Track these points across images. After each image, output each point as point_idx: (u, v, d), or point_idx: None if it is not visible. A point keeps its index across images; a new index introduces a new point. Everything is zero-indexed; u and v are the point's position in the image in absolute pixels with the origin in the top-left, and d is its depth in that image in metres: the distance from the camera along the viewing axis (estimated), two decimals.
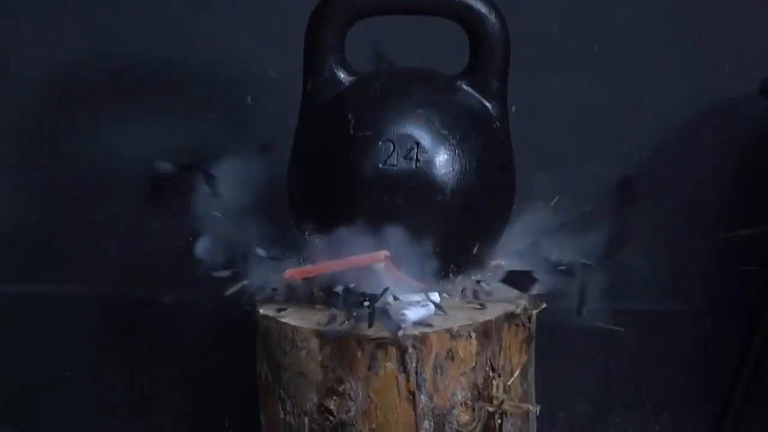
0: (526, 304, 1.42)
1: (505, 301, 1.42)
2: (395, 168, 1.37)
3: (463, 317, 1.37)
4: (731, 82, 1.84)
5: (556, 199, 1.54)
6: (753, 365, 1.88)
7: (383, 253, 1.34)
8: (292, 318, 1.38)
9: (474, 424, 1.37)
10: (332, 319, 1.34)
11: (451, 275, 1.44)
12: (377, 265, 1.34)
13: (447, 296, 1.44)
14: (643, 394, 1.94)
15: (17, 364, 1.93)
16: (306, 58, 1.45)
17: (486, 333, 1.36)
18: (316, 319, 1.37)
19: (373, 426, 1.34)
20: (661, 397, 1.94)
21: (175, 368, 1.91)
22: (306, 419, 1.37)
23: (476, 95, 1.44)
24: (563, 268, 1.48)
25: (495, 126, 1.45)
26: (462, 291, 1.46)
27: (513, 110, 1.49)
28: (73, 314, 1.90)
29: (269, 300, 1.44)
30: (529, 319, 1.43)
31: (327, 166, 1.40)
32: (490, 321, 1.37)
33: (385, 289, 1.34)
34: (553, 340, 1.71)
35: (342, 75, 1.44)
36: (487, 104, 1.45)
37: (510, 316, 1.39)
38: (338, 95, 1.43)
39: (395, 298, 1.36)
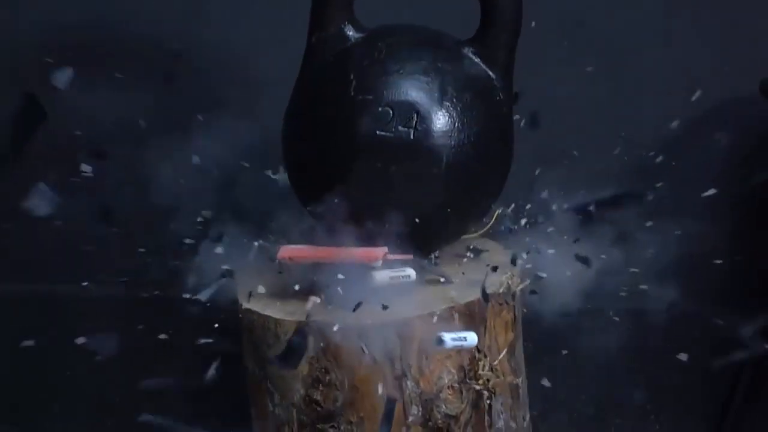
0: (509, 282, 1.41)
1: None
2: (392, 135, 1.34)
3: (446, 299, 1.35)
4: (731, 82, 1.83)
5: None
6: (753, 365, 1.88)
7: (383, 251, 1.33)
8: (275, 310, 1.36)
9: (462, 406, 1.36)
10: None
11: (439, 245, 1.44)
12: (375, 263, 1.33)
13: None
14: (643, 394, 1.94)
15: (17, 364, 1.94)
16: (313, 11, 1.42)
17: (469, 314, 1.35)
18: (297, 309, 1.35)
19: (361, 415, 1.33)
20: (661, 397, 1.94)
21: (175, 368, 1.91)
22: (294, 411, 1.36)
23: (482, 65, 1.41)
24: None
25: (498, 98, 1.42)
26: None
27: (533, 24, 1.48)
28: (74, 314, 1.90)
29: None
30: (513, 296, 1.42)
31: (323, 126, 1.37)
32: (473, 302, 1.35)
33: (358, 305, 1.31)
34: (553, 340, 1.71)
35: (349, 31, 1.41)
36: (492, 75, 1.42)
37: (493, 296, 1.38)
38: (343, 52, 1.40)
39: None
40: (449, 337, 1.29)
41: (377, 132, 1.34)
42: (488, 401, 1.38)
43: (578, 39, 1.83)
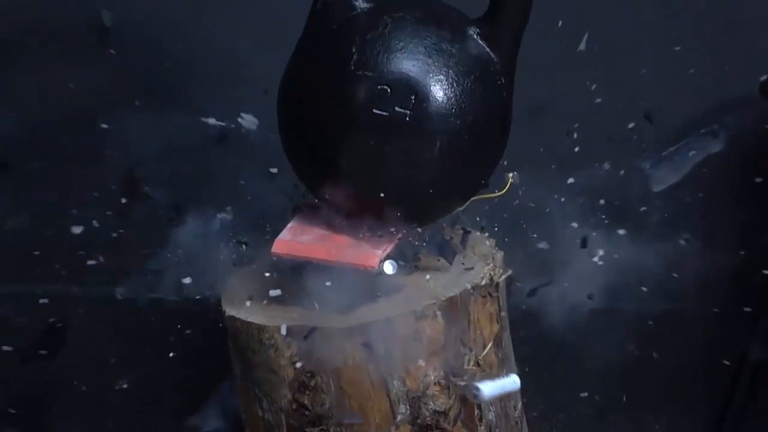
0: (491, 274, 1.40)
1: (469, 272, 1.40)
2: (387, 115, 1.30)
3: (427, 295, 1.34)
4: (731, 82, 1.83)
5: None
6: (753, 365, 1.88)
7: (378, 257, 1.33)
8: (257, 316, 1.36)
9: (450, 402, 1.35)
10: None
11: (429, 220, 1.42)
12: (368, 270, 1.32)
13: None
14: (643, 394, 1.94)
15: (18, 364, 1.94)
16: None
17: (452, 310, 1.34)
18: (282, 314, 1.35)
19: None
20: (661, 397, 1.94)
21: (175, 368, 1.92)
22: (283, 416, 1.36)
23: (486, 48, 1.37)
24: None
25: (500, 82, 1.39)
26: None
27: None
28: (73, 314, 1.91)
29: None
30: (497, 287, 1.41)
31: (320, 97, 1.34)
32: (455, 297, 1.34)
33: (312, 330, 1.31)
34: (553, 340, 1.71)
35: (356, 0, 1.37)
36: (495, 58, 1.38)
37: (475, 289, 1.37)
38: (347, 22, 1.35)
39: None
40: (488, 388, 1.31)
41: (373, 110, 1.31)
42: None
43: (578, 39, 1.83)
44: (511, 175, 1.49)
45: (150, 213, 1.58)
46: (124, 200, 1.74)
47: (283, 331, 1.32)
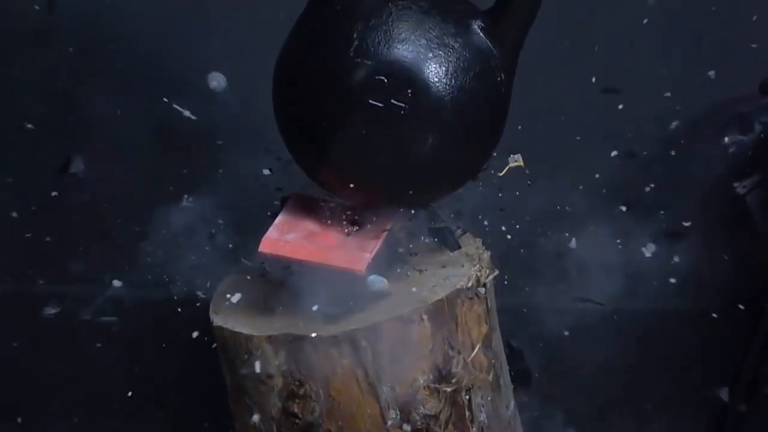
0: (478, 275, 1.39)
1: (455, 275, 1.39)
2: (382, 107, 1.29)
3: (413, 299, 1.34)
4: (731, 82, 1.83)
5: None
6: (753, 365, 1.88)
7: (365, 261, 1.32)
8: (244, 326, 1.36)
9: (441, 405, 1.34)
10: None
11: (420, 206, 1.42)
12: (355, 272, 1.32)
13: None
14: (643, 394, 1.94)
15: (17, 364, 1.95)
16: None
17: (439, 313, 1.33)
18: (267, 323, 1.35)
19: (340, 423, 1.32)
20: (661, 397, 1.94)
21: (175, 368, 1.92)
22: (274, 425, 1.36)
23: (488, 42, 1.35)
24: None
25: (499, 78, 1.37)
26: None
27: None
28: (74, 314, 1.91)
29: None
30: (484, 287, 1.40)
31: (316, 80, 1.32)
32: (441, 300, 1.33)
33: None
34: (553, 340, 1.71)
35: None
36: (497, 53, 1.36)
37: (461, 291, 1.36)
38: (352, 4, 1.33)
39: None
40: None
41: (369, 100, 1.29)
42: (467, 397, 1.36)
43: (578, 39, 1.83)
44: (514, 157, 1.48)
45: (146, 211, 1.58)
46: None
47: (258, 369, 1.33)
